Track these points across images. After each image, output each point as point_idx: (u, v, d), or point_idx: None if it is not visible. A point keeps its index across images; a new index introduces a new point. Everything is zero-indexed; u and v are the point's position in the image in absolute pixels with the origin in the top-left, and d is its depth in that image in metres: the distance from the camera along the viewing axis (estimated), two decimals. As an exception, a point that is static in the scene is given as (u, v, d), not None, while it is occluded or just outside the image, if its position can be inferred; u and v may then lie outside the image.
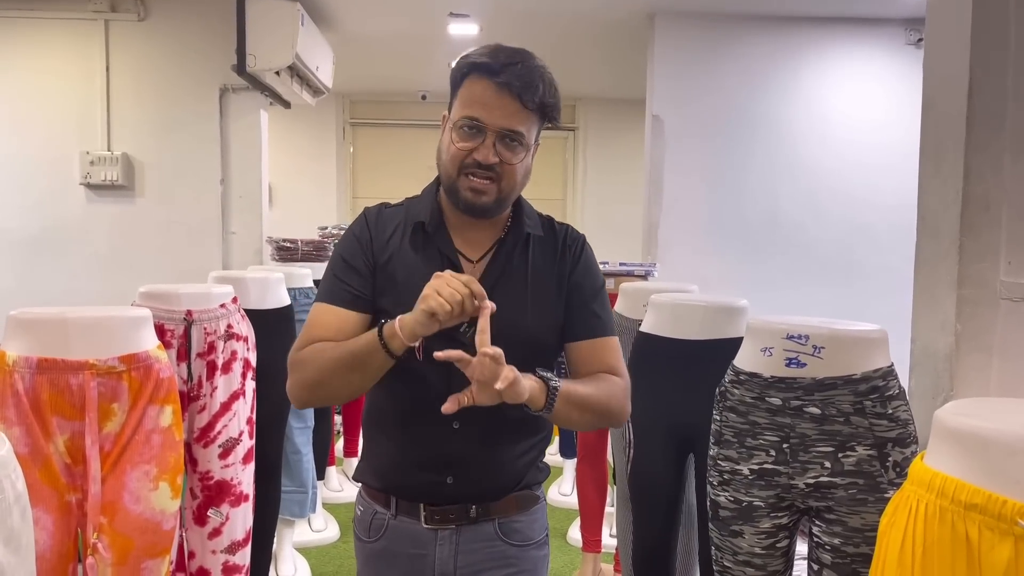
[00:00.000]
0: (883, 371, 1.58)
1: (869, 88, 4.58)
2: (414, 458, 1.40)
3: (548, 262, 1.44)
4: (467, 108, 1.33)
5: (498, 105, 1.31)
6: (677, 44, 4.52)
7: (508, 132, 1.32)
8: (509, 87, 1.30)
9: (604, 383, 1.38)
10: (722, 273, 4.40)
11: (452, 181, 1.36)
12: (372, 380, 1.31)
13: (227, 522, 2.15)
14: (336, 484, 4.16)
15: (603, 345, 1.42)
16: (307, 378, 1.32)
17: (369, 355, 1.26)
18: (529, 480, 1.45)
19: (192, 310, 2.12)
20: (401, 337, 1.23)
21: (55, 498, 1.63)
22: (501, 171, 1.33)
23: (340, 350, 1.29)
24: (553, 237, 1.47)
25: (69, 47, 4.23)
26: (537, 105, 1.33)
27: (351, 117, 7.15)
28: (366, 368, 1.28)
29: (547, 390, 1.27)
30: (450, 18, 4.60)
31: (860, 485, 1.54)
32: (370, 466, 1.47)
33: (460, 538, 1.40)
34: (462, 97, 1.35)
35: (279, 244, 4.13)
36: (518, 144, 1.34)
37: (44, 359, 1.64)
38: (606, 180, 7.13)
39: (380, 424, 1.45)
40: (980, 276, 1.62)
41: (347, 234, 1.45)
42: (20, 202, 4.24)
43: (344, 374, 1.29)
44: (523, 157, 1.36)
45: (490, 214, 1.39)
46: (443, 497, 1.39)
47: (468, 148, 1.32)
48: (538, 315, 1.40)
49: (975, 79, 1.60)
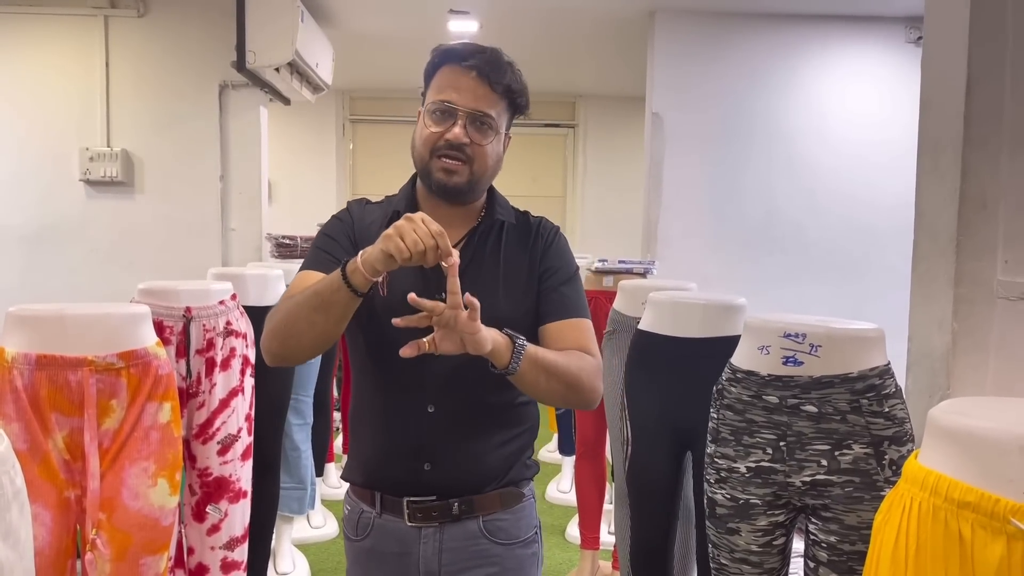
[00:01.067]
0: (880, 370, 1.58)
1: (869, 86, 4.58)
2: (392, 446, 1.41)
3: (521, 248, 1.46)
4: (438, 93, 1.39)
5: (468, 88, 1.37)
6: (677, 41, 4.51)
7: (478, 113, 1.37)
8: (478, 70, 1.37)
9: (575, 357, 1.38)
10: (721, 270, 4.41)
11: (425, 164, 1.40)
12: (338, 322, 1.28)
13: (226, 518, 2.16)
14: (335, 481, 4.16)
15: (574, 325, 1.42)
16: (275, 326, 1.32)
17: (333, 292, 1.25)
18: (514, 476, 1.45)
19: (191, 307, 2.12)
20: (362, 271, 1.22)
21: (54, 494, 1.64)
22: (472, 153, 1.38)
23: (307, 292, 1.29)
24: (527, 226, 1.50)
25: (69, 43, 4.23)
26: (504, 88, 1.39)
27: (351, 114, 7.15)
28: (331, 307, 1.26)
29: (513, 347, 1.27)
30: (450, 15, 4.60)
31: (856, 483, 1.54)
32: (355, 461, 1.49)
33: (444, 536, 1.40)
34: (434, 85, 1.41)
35: (279, 241, 4.13)
36: (488, 127, 1.39)
37: (43, 355, 1.64)
38: (606, 177, 7.13)
39: (361, 416, 1.47)
40: (977, 274, 1.62)
41: (330, 219, 1.51)
42: (19, 198, 4.24)
43: (309, 314, 1.27)
44: (492, 139, 1.40)
45: (463, 196, 1.42)
46: (422, 487, 1.39)
47: (440, 131, 1.37)
48: (510, 300, 1.41)
49: (973, 77, 1.60)
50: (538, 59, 5.67)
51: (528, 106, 1.46)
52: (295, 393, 2.97)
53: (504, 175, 1.53)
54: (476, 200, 1.47)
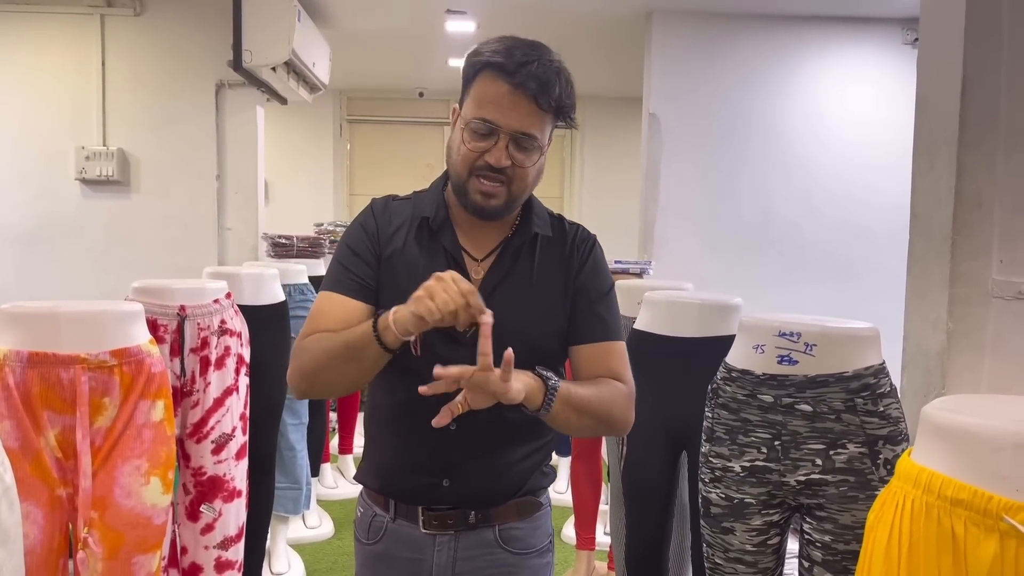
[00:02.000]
0: (875, 369, 1.58)
1: (865, 87, 4.59)
2: (411, 460, 1.37)
3: (555, 264, 1.39)
4: (480, 108, 1.28)
5: (512, 106, 1.26)
6: (674, 43, 4.52)
7: (522, 135, 1.28)
8: (525, 88, 1.25)
9: (607, 387, 1.33)
10: (717, 271, 4.41)
11: (462, 182, 1.32)
12: (369, 372, 1.27)
13: (220, 518, 2.15)
14: (331, 481, 4.16)
15: (608, 350, 1.36)
16: (304, 367, 1.29)
17: (364, 347, 1.23)
18: (532, 485, 1.41)
19: (185, 305, 2.12)
20: (394, 330, 1.20)
21: (46, 492, 1.63)
22: (513, 174, 1.29)
23: (337, 340, 1.26)
24: (563, 237, 1.42)
25: (65, 42, 4.23)
26: (553, 107, 1.29)
27: (348, 114, 7.14)
28: (361, 360, 1.24)
29: (545, 389, 1.23)
30: (447, 15, 4.60)
31: (851, 482, 1.54)
32: (370, 467, 1.45)
33: (459, 544, 1.37)
34: (475, 95, 1.30)
35: (275, 240, 4.12)
36: (531, 147, 1.29)
37: (35, 353, 1.63)
38: (603, 178, 7.13)
39: (379, 424, 1.42)
40: (972, 274, 1.62)
41: (354, 224, 1.42)
42: (15, 197, 4.23)
43: (339, 365, 1.26)
44: (536, 159, 1.31)
45: (499, 217, 1.35)
46: (439, 500, 1.36)
47: (480, 149, 1.28)
48: (541, 319, 1.35)
49: (968, 77, 1.60)
50: (535, 60, 5.66)
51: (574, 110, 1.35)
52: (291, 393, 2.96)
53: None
54: (512, 215, 1.38)
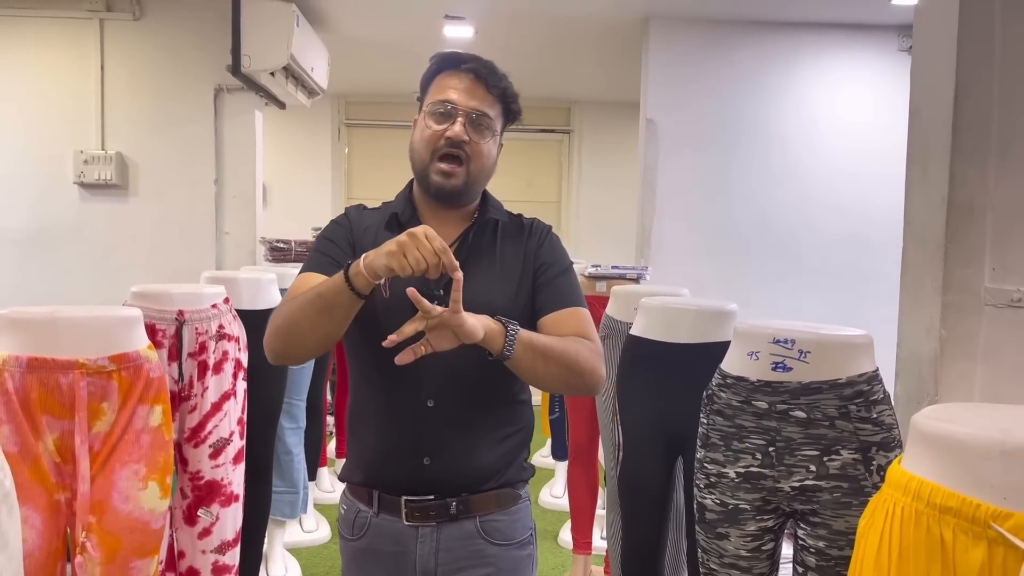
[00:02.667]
0: (868, 376, 1.59)
1: (861, 94, 4.60)
2: (392, 442, 1.43)
3: (515, 246, 1.51)
4: (438, 94, 1.45)
5: (466, 89, 1.44)
6: (671, 48, 4.53)
7: (477, 113, 1.44)
8: (476, 72, 1.45)
9: (570, 340, 1.40)
10: (713, 277, 4.42)
11: (424, 166, 1.45)
12: (340, 323, 1.31)
13: (217, 522, 2.16)
14: (328, 485, 4.16)
15: (571, 314, 1.45)
16: (279, 326, 1.35)
17: (336, 295, 1.27)
18: (511, 478, 1.47)
19: (184, 310, 2.12)
20: (364, 274, 1.25)
21: (44, 497, 1.64)
22: (470, 151, 1.43)
23: (309, 294, 1.32)
24: (520, 226, 1.55)
25: (64, 46, 4.23)
26: (500, 92, 1.46)
27: (346, 118, 7.15)
28: (333, 309, 1.29)
29: (505, 332, 1.30)
30: (445, 20, 4.61)
31: (845, 489, 1.55)
32: (353, 461, 1.50)
33: (440, 535, 1.42)
34: (433, 89, 1.48)
35: (273, 244, 4.13)
36: (485, 127, 1.45)
37: (34, 358, 1.64)
38: (601, 183, 7.14)
39: (360, 416, 1.49)
40: (965, 282, 1.64)
41: (328, 224, 1.55)
42: (13, 201, 4.23)
43: (312, 316, 1.30)
44: (489, 140, 1.46)
45: (459, 199, 1.47)
46: (421, 483, 1.41)
47: (440, 130, 1.43)
48: (506, 295, 1.45)
49: (961, 87, 1.62)
50: (533, 65, 5.68)
51: (520, 113, 1.52)
52: (288, 397, 2.97)
53: (500, 180, 1.57)
54: (471, 203, 1.52)
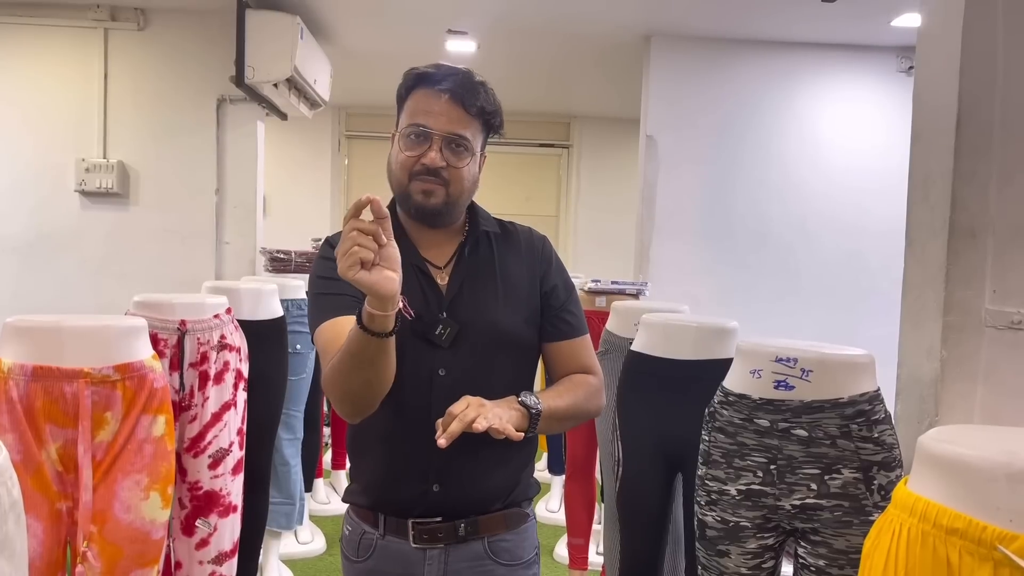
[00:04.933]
0: (869, 395, 1.60)
1: (861, 114, 4.64)
2: (400, 468, 1.40)
3: (516, 260, 1.47)
4: (412, 117, 1.38)
5: (442, 111, 1.36)
6: (672, 66, 4.57)
7: (453, 136, 1.37)
8: (451, 93, 1.36)
9: (582, 388, 1.42)
10: (713, 293, 4.44)
11: (403, 188, 1.40)
12: (386, 368, 1.25)
13: (215, 533, 2.15)
14: (323, 496, 4.15)
15: (579, 345, 1.47)
16: (337, 395, 1.30)
17: (365, 347, 1.21)
18: (518, 496, 1.46)
19: (186, 320, 2.13)
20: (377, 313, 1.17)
21: (46, 506, 1.64)
22: (448, 176, 1.37)
23: (343, 357, 1.25)
24: (515, 235, 1.51)
25: (68, 54, 4.25)
26: (478, 110, 1.39)
27: (347, 129, 7.17)
28: (373, 359, 1.23)
29: (529, 417, 1.32)
30: (448, 35, 4.64)
31: (845, 507, 1.56)
32: (358, 484, 1.47)
33: (448, 557, 1.40)
34: (408, 109, 1.40)
35: (273, 255, 4.14)
36: (463, 149, 1.38)
37: (39, 367, 1.64)
38: (600, 198, 7.17)
39: (365, 440, 1.45)
40: (966, 303, 1.65)
41: (317, 261, 1.47)
42: (14, 207, 4.23)
43: (359, 375, 1.25)
44: (468, 162, 1.39)
45: (441, 219, 1.42)
46: (430, 508, 1.39)
47: (416, 155, 1.37)
48: (511, 310, 1.42)
49: (963, 111, 1.63)
50: (534, 79, 5.72)
51: (502, 125, 1.46)
52: (286, 408, 2.97)
53: (498, 194, 1.56)
54: (456, 220, 1.47)
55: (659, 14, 4.26)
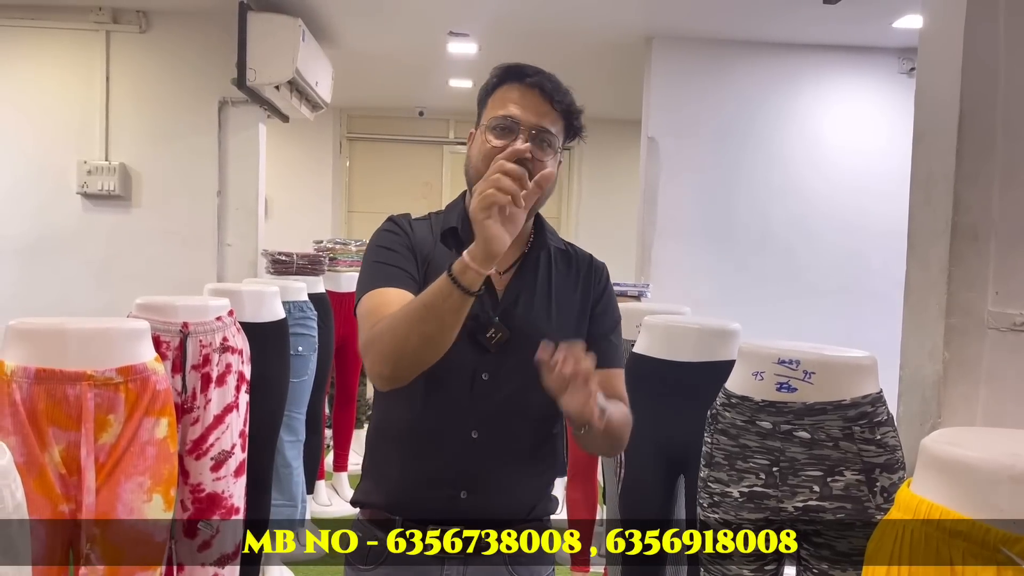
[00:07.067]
0: (872, 397, 1.60)
1: (862, 115, 4.64)
2: (428, 472, 1.35)
3: (572, 280, 1.45)
4: (500, 108, 1.35)
5: (530, 104, 1.34)
6: (674, 68, 4.57)
7: (541, 129, 1.33)
8: (540, 87, 1.34)
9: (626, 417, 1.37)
10: (714, 295, 4.44)
11: None
12: (451, 331, 1.22)
13: (217, 535, 2.15)
14: (325, 498, 4.15)
15: (616, 376, 1.43)
16: (382, 349, 1.25)
17: (444, 299, 1.18)
18: (540, 511, 1.43)
19: (188, 322, 2.13)
20: (474, 267, 1.16)
21: (49, 508, 1.64)
22: (532, 168, 1.29)
23: (410, 308, 1.22)
24: (575, 258, 1.48)
25: (70, 57, 4.25)
26: (564, 107, 1.36)
27: (348, 131, 7.17)
28: (442, 316, 1.19)
29: None
30: (449, 37, 4.65)
31: (848, 509, 1.56)
32: (373, 484, 1.41)
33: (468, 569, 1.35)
34: (493, 103, 1.37)
35: (274, 257, 4.13)
36: (548, 145, 1.34)
37: (42, 369, 1.64)
38: (601, 199, 7.17)
39: (390, 437, 1.40)
40: (968, 305, 1.65)
41: (378, 233, 1.43)
42: (16, 209, 4.24)
43: (421, 329, 1.20)
44: (552, 158, 1.35)
45: None
46: (454, 514, 1.34)
47: (502, 145, 1.32)
48: (561, 327, 1.38)
49: (965, 113, 1.63)
50: (535, 82, 5.71)
51: (582, 130, 1.42)
52: (288, 410, 2.97)
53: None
54: (527, 227, 1.42)
55: (660, 16, 4.26)
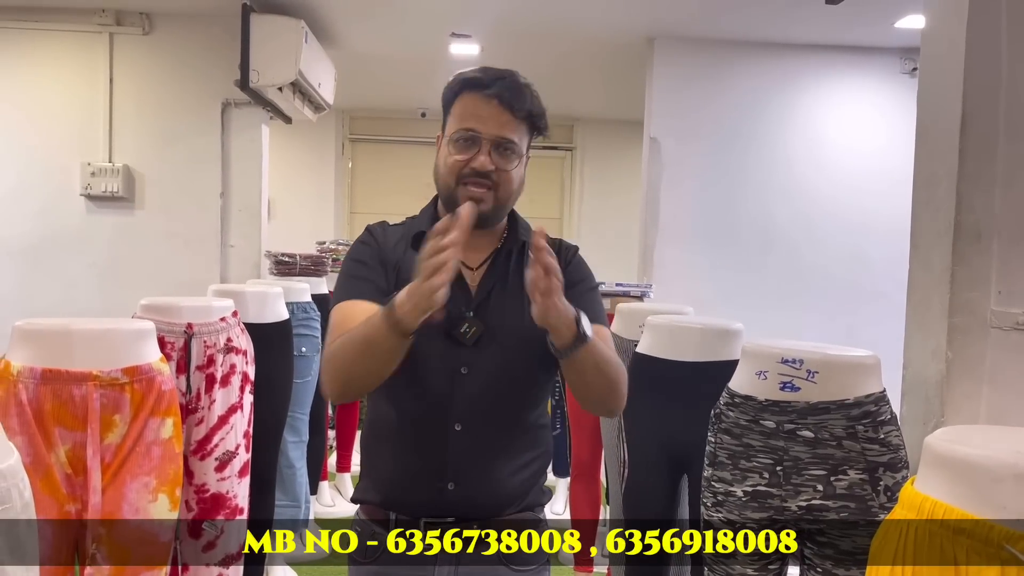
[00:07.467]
0: (875, 396, 1.60)
1: (864, 115, 4.64)
2: (415, 465, 1.40)
3: None
4: (462, 121, 1.39)
5: (491, 116, 1.38)
6: (676, 68, 4.58)
7: (502, 140, 1.38)
8: (499, 98, 1.38)
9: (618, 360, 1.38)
10: (716, 295, 4.44)
11: (451, 191, 1.40)
12: (392, 363, 1.28)
13: (222, 535, 2.16)
14: (328, 499, 4.15)
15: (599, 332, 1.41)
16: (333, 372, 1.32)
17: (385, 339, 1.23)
18: (531, 502, 1.46)
19: (193, 323, 2.13)
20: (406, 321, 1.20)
21: (55, 508, 1.64)
22: (497, 178, 1.38)
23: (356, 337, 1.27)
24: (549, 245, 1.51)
25: (74, 59, 4.27)
26: (525, 114, 1.40)
27: (351, 133, 7.18)
28: (381, 354, 1.26)
29: (575, 336, 1.26)
30: (451, 38, 4.65)
31: (851, 508, 1.56)
32: (369, 481, 1.46)
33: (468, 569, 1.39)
34: (455, 113, 1.42)
35: (277, 258, 4.14)
36: (511, 152, 1.39)
37: (48, 370, 1.65)
38: (603, 200, 7.18)
39: (381, 437, 1.45)
40: (971, 305, 1.65)
41: (354, 245, 1.50)
42: (20, 211, 4.25)
43: (364, 362, 1.28)
44: (516, 165, 1.41)
45: (488, 223, 1.42)
46: (442, 507, 1.38)
47: (465, 159, 1.38)
48: None
49: (968, 111, 1.64)
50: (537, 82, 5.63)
51: (547, 127, 1.47)
52: (292, 411, 2.97)
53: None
54: (499, 223, 1.47)
55: (662, 16, 4.27)
